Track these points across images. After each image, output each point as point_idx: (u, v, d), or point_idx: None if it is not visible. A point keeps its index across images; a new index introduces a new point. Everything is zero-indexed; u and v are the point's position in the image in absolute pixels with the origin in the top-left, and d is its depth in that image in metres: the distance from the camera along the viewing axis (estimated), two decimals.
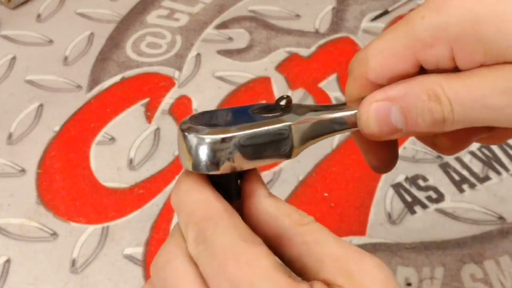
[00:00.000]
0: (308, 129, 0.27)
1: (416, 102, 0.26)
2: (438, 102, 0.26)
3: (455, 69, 0.27)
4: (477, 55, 0.26)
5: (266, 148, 0.26)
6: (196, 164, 0.25)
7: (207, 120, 0.26)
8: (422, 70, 0.28)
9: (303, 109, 0.27)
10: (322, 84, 0.58)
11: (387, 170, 0.33)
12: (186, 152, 0.25)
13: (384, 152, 0.32)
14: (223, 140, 0.25)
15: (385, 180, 0.49)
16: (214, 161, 0.25)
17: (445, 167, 0.50)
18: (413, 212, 0.48)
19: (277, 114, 0.26)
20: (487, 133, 0.29)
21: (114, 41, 0.62)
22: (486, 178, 0.50)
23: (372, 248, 0.45)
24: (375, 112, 0.27)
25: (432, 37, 0.26)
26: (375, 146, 0.31)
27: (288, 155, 0.26)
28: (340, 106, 0.29)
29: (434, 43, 0.26)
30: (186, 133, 0.25)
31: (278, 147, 0.26)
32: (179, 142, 0.26)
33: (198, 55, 0.61)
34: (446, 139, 0.30)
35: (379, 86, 0.28)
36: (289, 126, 0.26)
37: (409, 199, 0.48)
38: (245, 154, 0.25)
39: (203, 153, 0.25)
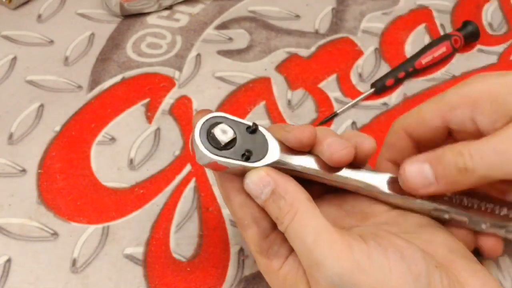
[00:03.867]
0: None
1: (443, 159, 0.34)
2: (461, 155, 0.33)
3: (478, 132, 0.35)
4: (491, 115, 0.34)
5: None
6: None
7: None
8: (449, 135, 0.37)
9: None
10: (322, 85, 0.58)
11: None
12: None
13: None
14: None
15: None
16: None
17: None
18: None
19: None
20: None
21: (115, 42, 0.62)
22: None
23: None
24: (414, 169, 0.35)
25: (457, 101, 0.35)
26: None
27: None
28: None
29: (458, 106, 0.35)
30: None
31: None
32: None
33: (198, 55, 0.61)
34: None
35: (414, 143, 0.38)
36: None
37: None
38: None
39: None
